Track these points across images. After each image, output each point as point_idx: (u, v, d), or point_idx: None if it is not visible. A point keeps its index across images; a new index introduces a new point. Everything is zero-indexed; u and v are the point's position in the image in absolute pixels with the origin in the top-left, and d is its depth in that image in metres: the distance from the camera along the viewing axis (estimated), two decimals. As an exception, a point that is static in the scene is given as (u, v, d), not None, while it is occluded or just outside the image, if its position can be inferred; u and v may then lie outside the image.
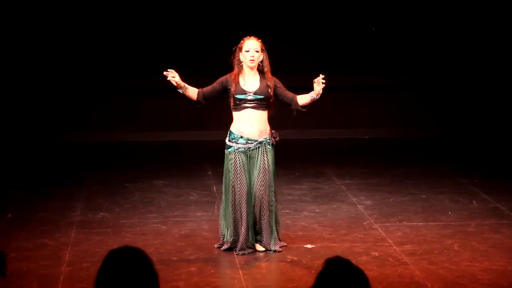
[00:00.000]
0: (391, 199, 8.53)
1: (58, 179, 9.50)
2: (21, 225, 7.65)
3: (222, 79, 6.88)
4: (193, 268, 6.52)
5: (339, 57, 12.06)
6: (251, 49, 6.75)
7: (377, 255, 6.78)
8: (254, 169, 6.78)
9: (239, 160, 6.77)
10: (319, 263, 3.18)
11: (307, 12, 12.09)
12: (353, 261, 3.13)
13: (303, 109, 6.93)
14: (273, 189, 6.90)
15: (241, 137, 6.79)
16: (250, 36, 6.86)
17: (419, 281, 6.20)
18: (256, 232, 6.87)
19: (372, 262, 6.60)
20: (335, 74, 12.04)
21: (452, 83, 12.13)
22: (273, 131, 6.87)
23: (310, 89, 6.92)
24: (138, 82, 11.68)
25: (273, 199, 6.91)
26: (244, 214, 6.74)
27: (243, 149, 6.79)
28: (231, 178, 6.78)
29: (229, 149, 6.84)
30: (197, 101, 6.89)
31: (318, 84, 6.81)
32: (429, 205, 8.32)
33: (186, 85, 6.82)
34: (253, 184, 6.78)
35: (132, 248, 3.14)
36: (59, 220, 7.80)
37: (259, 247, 6.86)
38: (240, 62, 6.82)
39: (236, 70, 6.84)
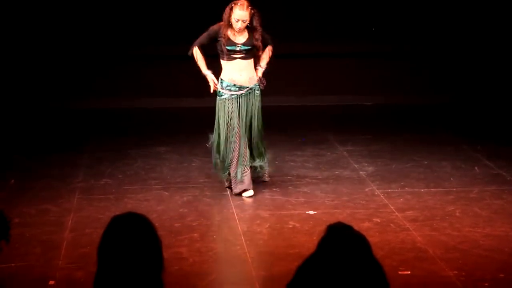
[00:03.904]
0: (393, 166, 8.54)
1: (60, 145, 9.50)
2: (24, 191, 7.67)
3: (212, 29, 7.41)
4: (195, 234, 6.54)
5: (340, 23, 12.01)
6: (239, 20, 7.23)
7: (379, 221, 6.81)
8: (247, 114, 7.42)
9: (234, 106, 7.37)
10: (321, 229, 3.18)
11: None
12: (355, 227, 3.14)
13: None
14: (262, 132, 7.59)
15: (234, 85, 7.40)
16: (240, 1, 7.25)
17: (421, 247, 6.23)
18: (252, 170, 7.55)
19: (374, 228, 6.62)
20: (337, 41, 12.02)
21: (454, 49, 12.08)
22: (260, 77, 7.48)
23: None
24: (140, 49, 11.64)
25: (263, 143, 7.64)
26: (240, 154, 7.40)
27: (236, 96, 7.40)
28: (226, 122, 7.38)
29: (223, 96, 7.41)
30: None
31: (259, 82, 7.48)
32: (431, 171, 8.33)
33: (206, 69, 7.49)
34: (248, 127, 7.45)
35: (135, 214, 3.16)
36: (62, 186, 7.81)
37: (247, 194, 7.47)
38: (230, 21, 7.30)
39: (226, 24, 7.32)
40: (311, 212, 7.04)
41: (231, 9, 7.27)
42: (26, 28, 11.57)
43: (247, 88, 7.41)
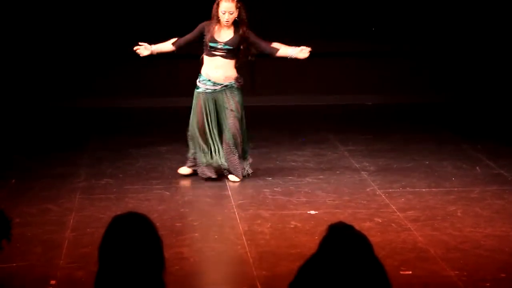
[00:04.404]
0: (394, 165, 8.53)
1: (61, 145, 9.50)
2: (25, 190, 7.67)
3: (201, 26, 7.74)
4: (196, 234, 6.54)
5: (341, 23, 12.00)
6: (226, 12, 7.55)
7: (380, 221, 6.80)
8: (222, 110, 7.71)
9: (204, 100, 7.70)
10: (322, 229, 3.18)
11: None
12: (356, 227, 3.14)
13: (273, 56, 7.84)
14: (244, 128, 7.84)
15: (209, 80, 7.72)
16: None
17: (422, 247, 6.22)
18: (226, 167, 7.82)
19: (375, 228, 6.62)
20: (337, 40, 12.01)
21: (454, 48, 12.07)
22: (238, 76, 7.72)
23: (311, 54, 7.29)
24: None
25: (245, 138, 7.90)
26: (204, 146, 7.79)
27: (210, 90, 7.72)
28: (196, 114, 7.76)
29: (198, 90, 7.78)
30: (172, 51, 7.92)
31: (301, 52, 7.77)
32: (432, 171, 8.33)
33: (156, 47, 7.91)
34: (223, 123, 7.73)
35: (136, 214, 3.16)
36: (63, 186, 7.81)
37: (232, 178, 7.83)
38: (218, 16, 7.61)
39: (214, 20, 7.63)
40: (313, 212, 7.03)
41: (218, 3, 7.60)
42: (27, 27, 11.56)
43: (222, 86, 7.69)
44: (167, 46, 7.91)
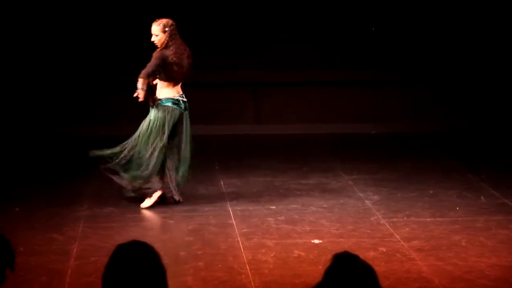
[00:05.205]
0: (399, 195, 8.52)
1: (65, 173, 9.50)
2: (29, 219, 7.66)
3: None
4: (200, 263, 6.52)
5: (346, 52, 12.04)
6: (153, 34, 7.90)
7: (384, 250, 6.78)
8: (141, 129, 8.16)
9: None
10: (326, 259, 3.17)
11: (314, 7, 12.07)
12: (361, 257, 3.13)
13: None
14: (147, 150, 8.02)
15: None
16: (157, 19, 7.91)
17: (427, 277, 6.20)
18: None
19: (379, 257, 6.59)
20: (342, 69, 12.04)
21: (459, 77, 12.09)
22: (155, 96, 8.00)
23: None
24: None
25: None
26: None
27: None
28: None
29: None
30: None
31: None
32: (437, 200, 8.31)
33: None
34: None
35: (139, 243, 3.15)
36: (67, 214, 7.81)
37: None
38: None
39: None
40: (317, 241, 7.01)
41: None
42: (33, 57, 11.61)
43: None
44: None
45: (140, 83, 7.82)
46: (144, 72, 7.84)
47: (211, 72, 11.75)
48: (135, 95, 7.86)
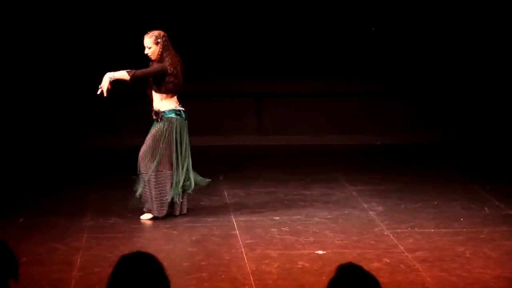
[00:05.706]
0: (403, 205, 8.51)
1: (69, 183, 9.51)
2: (33, 229, 7.66)
3: None
4: (204, 274, 6.51)
5: (350, 63, 12.05)
6: (146, 47, 7.87)
7: (388, 261, 6.77)
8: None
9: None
10: (330, 269, 3.17)
11: (315, 15, 12.09)
12: (365, 268, 3.12)
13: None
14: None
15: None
16: (148, 32, 7.87)
17: (431, 288, 6.19)
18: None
19: (383, 268, 6.58)
20: (346, 80, 12.05)
21: (464, 87, 12.09)
22: (158, 109, 7.99)
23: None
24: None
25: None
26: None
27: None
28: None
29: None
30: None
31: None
32: (441, 211, 8.30)
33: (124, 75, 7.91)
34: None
35: (143, 254, 3.15)
36: (71, 224, 7.80)
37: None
38: None
39: None
40: (320, 252, 7.00)
41: None
42: (33, 64, 11.63)
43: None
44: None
45: (120, 76, 7.91)
46: (140, 73, 7.83)
47: (213, 82, 11.76)
48: (100, 85, 8.13)
